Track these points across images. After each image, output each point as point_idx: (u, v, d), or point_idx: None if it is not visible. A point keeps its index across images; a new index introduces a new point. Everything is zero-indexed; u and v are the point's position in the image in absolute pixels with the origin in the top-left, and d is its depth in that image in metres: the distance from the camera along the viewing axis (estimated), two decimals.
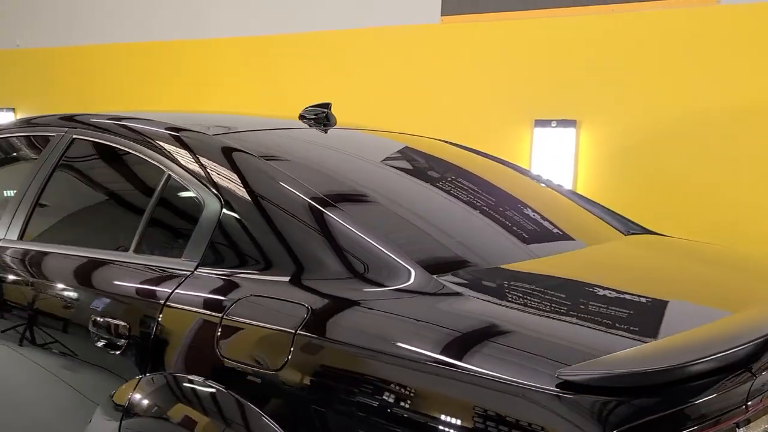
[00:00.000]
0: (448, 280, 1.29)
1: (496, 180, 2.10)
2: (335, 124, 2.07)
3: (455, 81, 4.11)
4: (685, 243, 1.96)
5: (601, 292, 1.35)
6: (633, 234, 1.97)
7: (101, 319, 1.53)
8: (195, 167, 1.57)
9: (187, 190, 1.58)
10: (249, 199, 1.47)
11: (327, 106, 2.05)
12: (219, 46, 5.07)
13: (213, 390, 1.30)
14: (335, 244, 1.35)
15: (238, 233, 1.47)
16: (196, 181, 1.56)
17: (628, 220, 2.09)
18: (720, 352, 0.99)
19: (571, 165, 3.78)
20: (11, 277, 1.81)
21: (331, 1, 4.56)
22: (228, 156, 1.58)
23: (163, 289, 1.48)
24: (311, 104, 2.07)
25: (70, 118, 1.95)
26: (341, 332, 1.22)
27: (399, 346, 1.13)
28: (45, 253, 1.80)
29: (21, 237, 1.83)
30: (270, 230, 1.42)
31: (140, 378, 1.42)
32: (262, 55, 4.87)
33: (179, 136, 1.68)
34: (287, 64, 4.76)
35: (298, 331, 1.22)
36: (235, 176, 1.51)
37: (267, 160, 1.58)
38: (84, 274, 1.68)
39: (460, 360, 1.07)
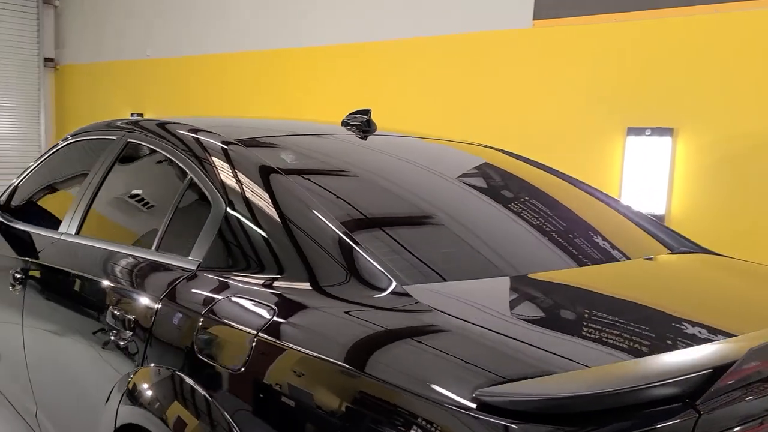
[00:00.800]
0: (423, 290, 1.26)
1: (530, 188, 2.02)
2: (375, 129, 2.08)
3: (545, 87, 3.97)
4: (735, 264, 1.77)
5: (580, 312, 1.27)
6: (682, 253, 1.81)
7: (117, 311, 1.66)
8: (207, 168, 1.67)
9: (201, 191, 1.66)
10: (245, 202, 1.53)
11: (366, 112, 2.07)
12: (318, 54, 5.24)
13: (187, 383, 1.37)
14: (313, 249, 1.36)
15: (235, 235, 1.52)
16: (209, 183, 1.64)
17: (686, 239, 1.92)
18: (630, 387, 0.91)
19: (666, 177, 3.53)
20: (64, 267, 2.00)
21: (419, 8, 4.57)
22: (237, 160, 1.64)
23: (161, 285, 1.58)
24: (354, 110, 2.10)
25: (131, 123, 2.11)
26: (292, 336, 1.24)
27: (334, 353, 1.14)
28: (86, 247, 1.98)
29: (77, 232, 2.02)
30: (258, 233, 1.46)
31: (136, 369, 1.51)
32: (357, 62, 4.98)
33: (198, 138, 1.79)
34: (379, 70, 4.83)
35: (259, 333, 1.26)
36: (238, 179, 1.58)
37: (274, 167, 1.62)
38: (109, 266, 1.83)
39: (387, 372, 1.06)
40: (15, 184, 2.65)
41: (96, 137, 2.25)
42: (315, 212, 1.44)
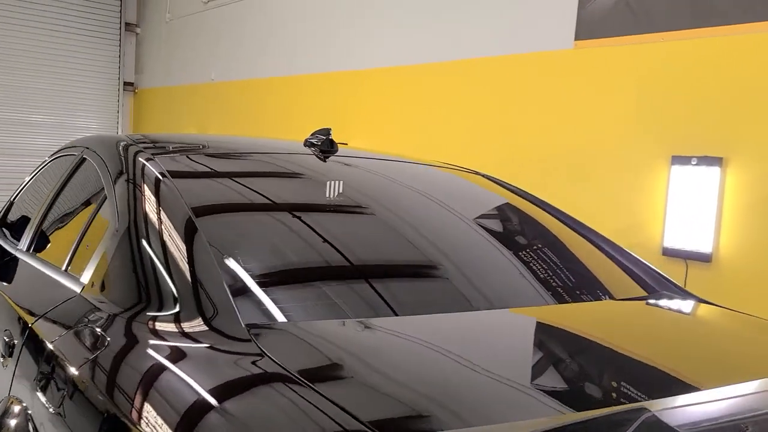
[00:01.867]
0: (263, 331, 1.11)
1: (471, 219, 1.79)
2: (336, 150, 1.94)
3: (584, 111, 3.72)
4: (716, 314, 1.51)
5: (434, 369, 1.06)
6: (655, 296, 1.56)
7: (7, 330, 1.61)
8: (115, 184, 1.59)
9: (107, 208, 1.59)
10: (130, 221, 1.44)
11: (326, 132, 1.92)
12: (359, 77, 5.20)
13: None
14: (162, 275, 1.26)
15: (117, 257, 1.42)
16: (113, 199, 1.56)
17: (672, 283, 1.66)
18: None
19: (714, 211, 3.19)
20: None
21: (457, 31, 4.43)
22: (144, 175, 1.55)
23: (43, 306, 1.53)
24: (316, 130, 1.97)
25: (90, 139, 2.09)
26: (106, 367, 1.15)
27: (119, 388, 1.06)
28: (24, 263, 1.98)
29: (27, 249, 2.02)
30: (125, 257, 1.38)
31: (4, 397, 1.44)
32: (395, 85, 4.88)
33: (119, 151, 1.72)
34: (416, 94, 4.72)
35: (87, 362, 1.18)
36: (133, 195, 1.49)
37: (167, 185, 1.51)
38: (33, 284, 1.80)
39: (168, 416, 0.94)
40: (11, 200, 2.71)
41: (66, 154, 2.25)
42: (175, 230, 1.31)
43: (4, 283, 1.99)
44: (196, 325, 1.12)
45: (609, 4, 3.63)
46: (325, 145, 1.88)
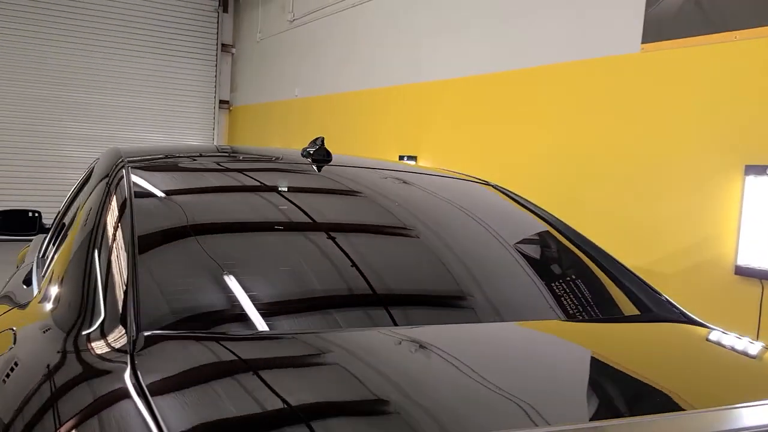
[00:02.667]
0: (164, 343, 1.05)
1: (436, 232, 1.63)
2: (331, 158, 1.87)
3: (652, 118, 3.47)
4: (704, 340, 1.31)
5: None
6: (645, 318, 1.39)
7: None
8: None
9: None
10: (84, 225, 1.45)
11: (318, 141, 1.87)
12: (430, 88, 5.15)
13: None
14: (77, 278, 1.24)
15: (65, 267, 1.42)
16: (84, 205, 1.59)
17: (674, 305, 1.47)
18: None
19: None
20: None
21: (519, 39, 4.27)
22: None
23: None
24: (314, 138, 1.92)
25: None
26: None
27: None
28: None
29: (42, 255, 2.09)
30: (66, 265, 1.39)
31: None
32: (459, 96, 4.79)
33: (103, 159, 1.75)
34: (480, 103, 4.60)
35: None
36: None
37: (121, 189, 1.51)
38: None
39: None
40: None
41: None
42: (110, 241, 1.29)
43: None
44: (85, 332, 1.10)
45: (677, 3, 3.38)
46: (317, 155, 1.84)
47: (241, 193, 1.66)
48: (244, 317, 1.20)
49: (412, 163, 5.06)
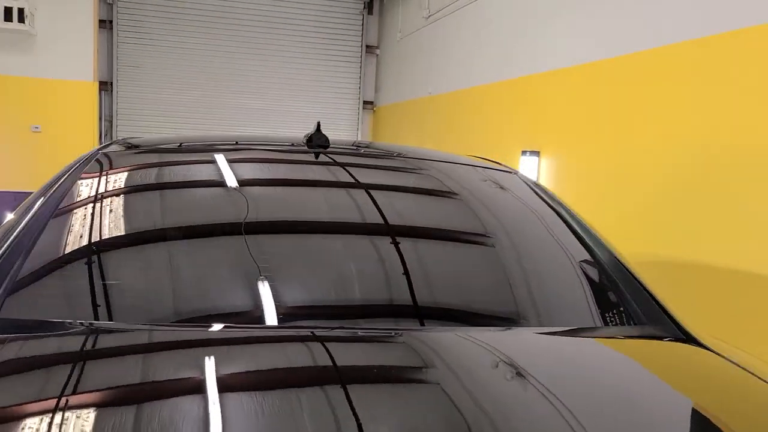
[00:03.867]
0: None
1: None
2: (328, 144, 1.70)
3: None
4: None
5: None
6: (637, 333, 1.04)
7: None
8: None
9: None
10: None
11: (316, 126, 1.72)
12: (555, 77, 4.72)
13: None
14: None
15: None
16: None
17: (677, 325, 1.09)
18: None
19: None
20: None
21: (650, 14, 3.72)
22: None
23: None
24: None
25: None
26: None
27: None
28: None
29: None
30: None
31: None
32: (592, 82, 4.32)
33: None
34: (617, 89, 4.10)
35: None
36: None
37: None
38: None
39: None
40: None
41: None
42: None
43: None
44: None
45: None
46: (314, 141, 1.69)
47: (187, 184, 1.53)
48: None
49: (425, 151, 4.68)
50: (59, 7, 7.25)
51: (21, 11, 6.84)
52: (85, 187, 1.39)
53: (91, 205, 1.33)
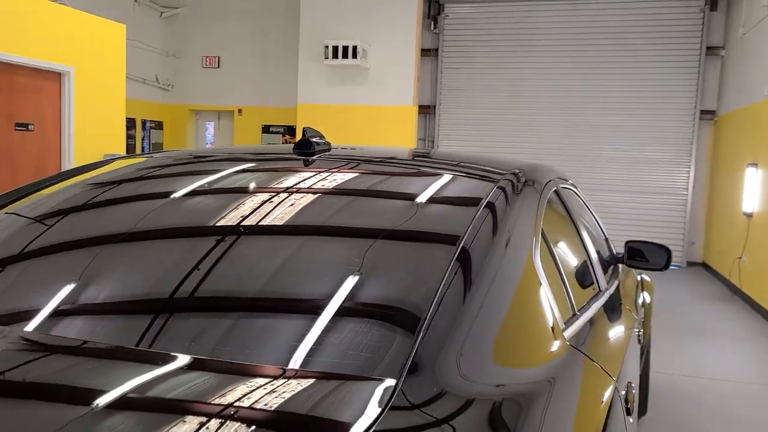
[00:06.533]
0: None
1: None
2: (313, 150, 1.57)
3: None
4: None
5: None
6: None
7: None
8: None
9: None
10: None
11: (303, 132, 1.61)
12: None
13: None
14: None
15: None
16: None
17: None
18: None
19: None
20: None
21: None
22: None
23: None
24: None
25: None
26: None
27: None
28: None
29: None
30: None
31: None
32: None
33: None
34: None
35: None
36: None
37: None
38: None
39: None
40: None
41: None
42: None
43: None
44: None
45: None
46: (303, 148, 1.59)
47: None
48: None
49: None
50: (387, 42, 8.14)
51: (354, 48, 7.90)
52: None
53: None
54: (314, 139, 1.61)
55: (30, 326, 1.04)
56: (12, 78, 5.16)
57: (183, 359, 0.93)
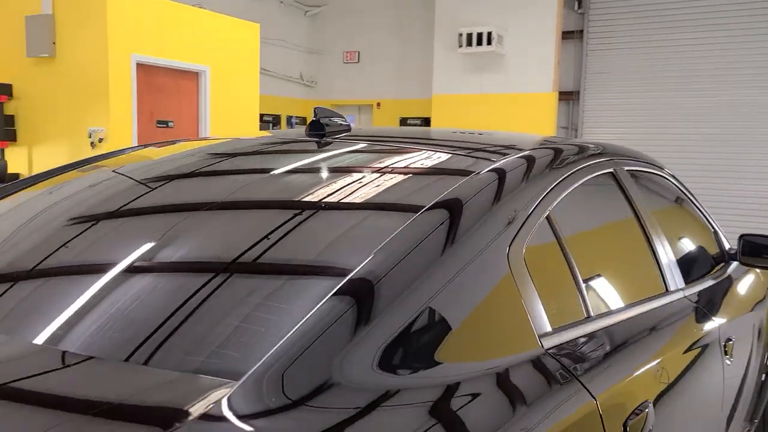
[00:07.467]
0: None
1: None
2: (324, 133, 1.46)
3: None
4: None
5: None
6: None
7: None
8: None
9: None
10: None
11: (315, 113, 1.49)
12: None
13: None
14: None
15: None
16: None
17: None
18: None
19: None
20: None
21: None
22: None
23: None
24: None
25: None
26: None
27: None
28: None
29: None
30: None
31: None
32: None
33: None
34: None
35: None
36: None
37: None
38: None
39: None
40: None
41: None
42: None
43: None
44: None
45: None
46: (313, 130, 1.45)
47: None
48: None
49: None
50: (524, 26, 7.71)
51: (489, 35, 7.58)
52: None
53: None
54: (333, 120, 1.45)
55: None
56: (153, 79, 5.54)
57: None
